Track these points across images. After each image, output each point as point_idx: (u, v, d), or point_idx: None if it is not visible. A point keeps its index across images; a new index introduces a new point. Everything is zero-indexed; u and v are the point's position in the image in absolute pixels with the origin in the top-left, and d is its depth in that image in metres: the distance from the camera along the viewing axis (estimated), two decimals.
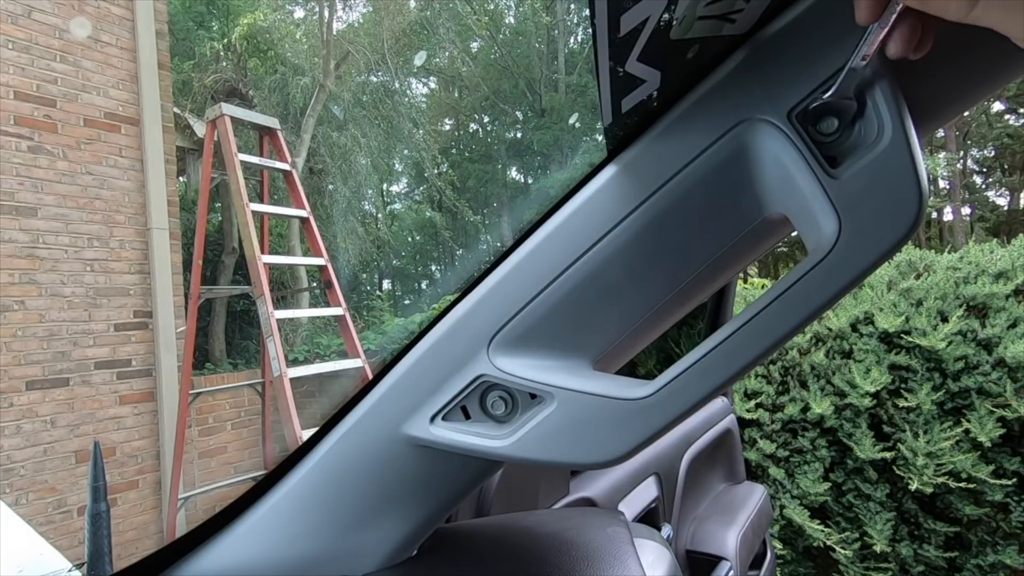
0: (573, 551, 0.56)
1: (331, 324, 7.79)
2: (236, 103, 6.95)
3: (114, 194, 3.99)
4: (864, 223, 0.35)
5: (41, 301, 3.62)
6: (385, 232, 13.66)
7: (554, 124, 14.16)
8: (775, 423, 2.56)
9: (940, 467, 2.25)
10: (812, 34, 0.36)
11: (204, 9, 10.45)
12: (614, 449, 0.41)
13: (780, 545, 2.50)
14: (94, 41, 3.97)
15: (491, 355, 0.45)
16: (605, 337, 0.45)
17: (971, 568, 2.31)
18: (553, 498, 1.00)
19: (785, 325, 0.37)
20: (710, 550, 1.37)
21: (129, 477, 3.96)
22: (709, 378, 0.38)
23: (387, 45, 11.12)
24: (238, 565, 0.51)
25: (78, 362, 3.76)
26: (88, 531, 1.40)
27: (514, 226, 14.42)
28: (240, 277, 7.61)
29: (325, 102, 9.83)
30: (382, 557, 0.52)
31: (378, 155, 11.54)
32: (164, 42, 4.43)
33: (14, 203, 3.54)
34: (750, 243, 0.42)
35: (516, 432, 0.44)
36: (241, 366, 7.03)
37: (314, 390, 5.80)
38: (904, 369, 2.39)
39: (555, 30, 15.00)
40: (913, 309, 2.42)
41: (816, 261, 0.36)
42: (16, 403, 3.49)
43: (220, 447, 4.80)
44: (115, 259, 3.97)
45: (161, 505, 4.07)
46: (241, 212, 3.35)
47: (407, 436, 0.47)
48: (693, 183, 0.40)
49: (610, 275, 0.43)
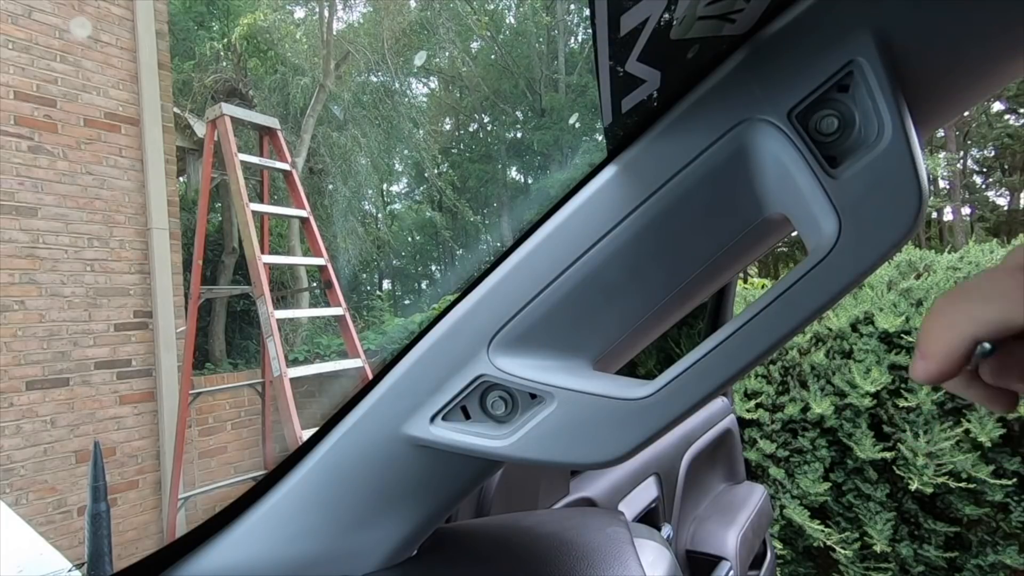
0: (573, 551, 0.56)
1: (331, 324, 7.79)
2: (236, 103, 6.95)
3: (114, 194, 4.00)
4: (864, 223, 0.35)
5: (41, 301, 3.62)
6: (385, 232, 13.66)
7: (554, 124, 14.15)
8: (775, 423, 2.56)
9: (940, 467, 2.25)
10: (812, 34, 0.36)
11: (204, 9, 10.45)
12: (614, 449, 0.41)
13: (780, 545, 2.50)
14: (94, 41, 3.97)
15: (491, 355, 0.45)
16: (605, 337, 0.45)
17: (971, 568, 2.31)
18: (553, 498, 1.00)
19: (785, 325, 0.37)
20: (710, 550, 1.37)
21: (129, 477, 3.96)
22: (709, 378, 0.38)
23: (387, 45, 11.12)
24: (238, 565, 0.51)
25: (78, 362, 3.76)
26: (88, 531, 1.40)
27: (514, 226, 14.42)
28: (240, 277, 7.61)
29: (325, 102, 9.84)
30: (382, 557, 0.52)
31: (378, 155, 11.54)
32: (164, 42, 4.43)
33: (14, 203, 3.54)
34: (750, 243, 0.42)
35: (516, 432, 0.44)
36: (241, 366, 7.03)
37: (314, 390, 5.80)
38: (904, 369, 2.39)
39: (555, 30, 15.00)
40: (913, 309, 2.42)
41: (816, 261, 0.36)
42: (16, 403, 3.49)
43: (220, 447, 4.80)
44: (115, 259, 3.97)
45: (161, 505, 4.07)
46: (241, 212, 3.35)
47: (407, 436, 0.47)
48: (693, 183, 0.40)
49: (610, 275, 0.43)
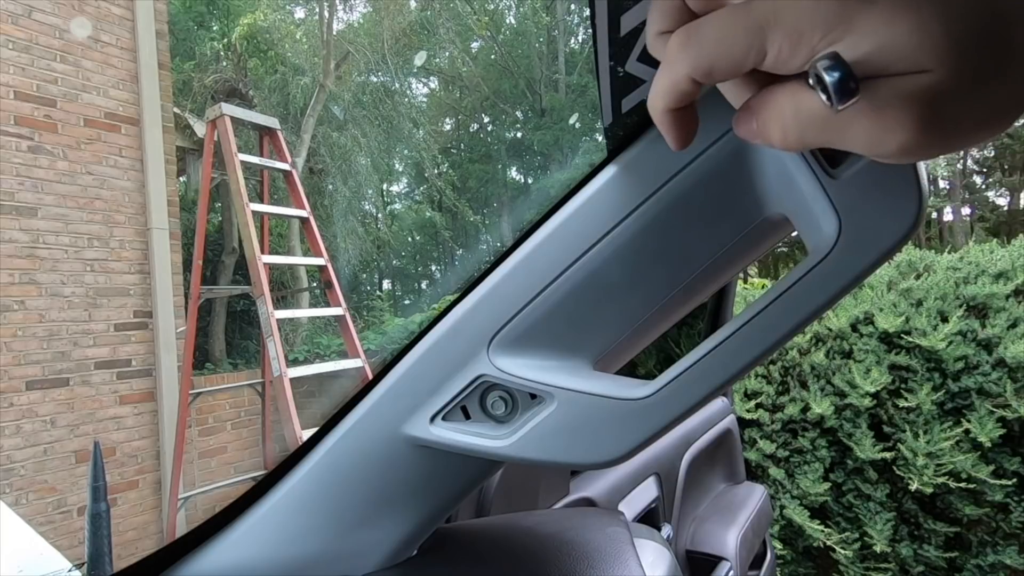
0: (573, 551, 0.56)
1: (331, 324, 7.79)
2: (236, 103, 6.94)
3: (114, 194, 4.00)
4: (864, 223, 0.35)
5: (41, 301, 3.62)
6: (385, 232, 13.66)
7: (554, 124, 14.15)
8: (775, 423, 2.56)
9: (940, 467, 2.25)
10: None
11: (204, 9, 10.45)
12: (614, 449, 0.41)
13: (780, 545, 2.50)
14: (94, 41, 3.97)
15: (491, 355, 0.45)
16: (605, 337, 0.45)
17: (971, 568, 2.31)
18: (553, 498, 1.00)
19: (785, 325, 0.37)
20: (710, 550, 1.37)
21: (129, 477, 3.96)
22: (709, 378, 0.38)
23: (387, 45, 11.12)
24: (238, 565, 0.51)
25: (78, 362, 3.76)
26: (88, 531, 1.41)
27: (514, 226, 14.42)
28: (240, 277, 7.61)
29: (325, 102, 9.84)
30: (382, 557, 0.52)
31: (378, 155, 11.55)
32: (164, 42, 4.43)
33: (14, 203, 3.54)
34: (750, 243, 0.42)
35: (516, 432, 0.44)
36: (241, 366, 7.04)
37: (314, 390, 5.80)
38: (904, 369, 2.39)
39: (555, 30, 15.00)
40: (913, 309, 2.42)
41: (816, 261, 0.36)
42: (16, 403, 3.49)
43: (220, 447, 4.80)
44: (115, 259, 3.97)
45: (161, 505, 4.07)
46: (241, 212, 3.35)
47: (407, 436, 0.47)
48: (693, 183, 0.40)
49: (610, 275, 0.43)
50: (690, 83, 0.24)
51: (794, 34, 0.21)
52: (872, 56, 0.20)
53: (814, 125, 0.22)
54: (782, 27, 0.21)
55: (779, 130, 0.23)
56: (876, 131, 0.21)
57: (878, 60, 0.20)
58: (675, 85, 0.24)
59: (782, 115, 0.23)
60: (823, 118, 0.22)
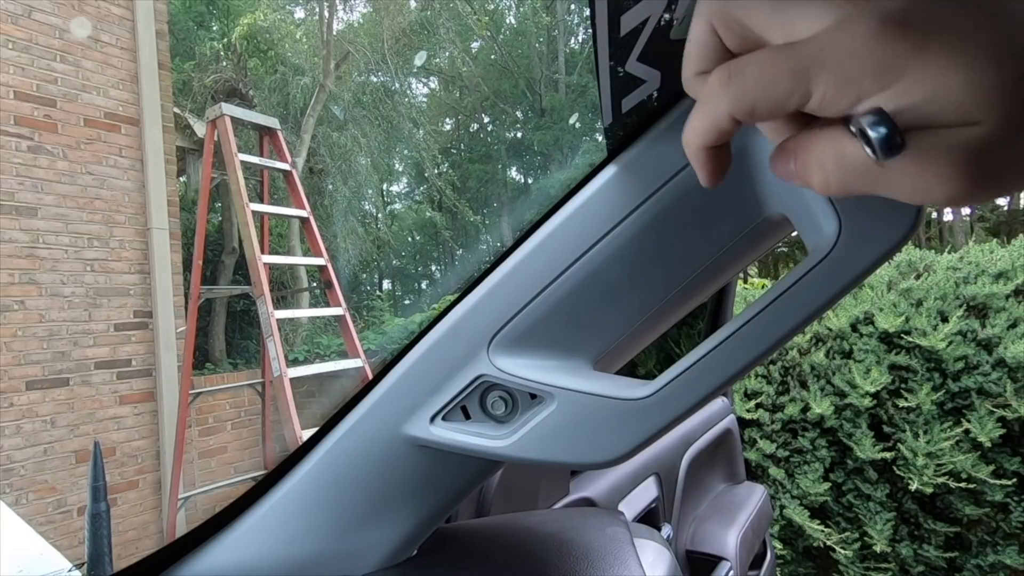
0: (573, 551, 0.56)
1: (331, 324, 7.79)
2: (236, 103, 6.94)
3: (114, 194, 3.99)
4: (864, 223, 0.35)
5: (41, 301, 3.62)
6: (385, 232, 13.66)
7: (554, 124, 14.15)
8: (775, 423, 2.56)
9: (940, 467, 2.25)
10: None
11: (204, 9, 10.45)
12: (614, 449, 0.41)
13: (780, 545, 2.50)
14: (94, 41, 3.97)
15: (491, 355, 0.45)
16: (605, 337, 0.45)
17: (971, 568, 2.31)
18: (553, 498, 1.00)
19: (785, 325, 0.37)
20: (710, 550, 1.37)
21: (129, 477, 3.96)
22: (709, 378, 0.38)
23: (387, 45, 11.12)
24: (238, 565, 0.51)
25: (78, 362, 3.76)
26: (88, 531, 1.41)
27: (514, 226, 14.42)
28: (240, 277, 7.61)
29: (325, 102, 9.84)
30: (382, 557, 0.52)
31: (378, 155, 11.55)
32: (164, 42, 4.43)
33: (14, 203, 3.54)
34: (750, 243, 0.42)
35: (516, 432, 0.44)
36: (241, 366, 7.04)
37: (314, 390, 5.80)
38: (904, 369, 2.39)
39: (555, 30, 15.00)
40: (913, 309, 2.42)
41: (816, 261, 0.36)
42: (16, 403, 3.49)
43: (220, 447, 4.80)
44: (115, 259, 3.97)
45: (161, 505, 4.07)
46: (241, 212, 3.35)
47: (407, 436, 0.47)
48: (693, 183, 0.40)
49: (610, 275, 0.43)
50: (730, 122, 0.23)
51: (841, 79, 0.20)
52: (921, 107, 0.19)
53: (857, 174, 0.21)
54: (829, 71, 0.20)
55: (821, 176, 0.22)
56: (922, 182, 0.20)
57: (927, 111, 0.19)
58: (715, 124, 0.24)
59: (823, 161, 0.22)
60: (866, 168, 0.21)
